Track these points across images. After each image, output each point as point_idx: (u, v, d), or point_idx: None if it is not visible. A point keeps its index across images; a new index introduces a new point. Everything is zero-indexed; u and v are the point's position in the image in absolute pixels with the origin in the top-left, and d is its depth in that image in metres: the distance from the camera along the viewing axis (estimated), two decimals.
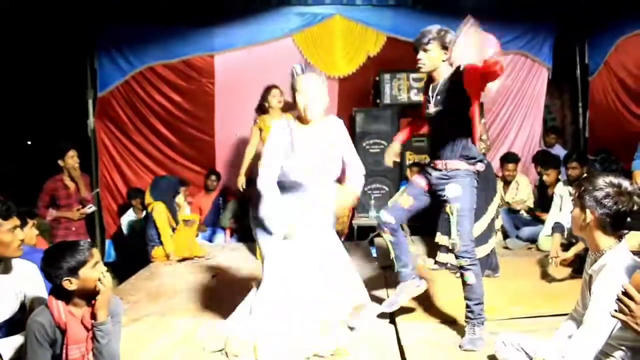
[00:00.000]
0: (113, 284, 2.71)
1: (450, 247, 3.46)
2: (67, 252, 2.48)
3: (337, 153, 3.40)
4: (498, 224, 4.96)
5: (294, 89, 3.26)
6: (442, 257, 4.88)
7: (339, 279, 3.41)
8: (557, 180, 5.88)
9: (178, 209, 5.75)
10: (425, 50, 3.39)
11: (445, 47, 3.35)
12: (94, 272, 2.50)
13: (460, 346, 3.25)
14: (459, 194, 3.33)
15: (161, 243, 5.56)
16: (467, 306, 3.34)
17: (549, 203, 5.70)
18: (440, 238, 4.81)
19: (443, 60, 3.39)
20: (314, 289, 3.32)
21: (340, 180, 3.50)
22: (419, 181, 3.55)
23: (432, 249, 5.25)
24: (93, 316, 2.52)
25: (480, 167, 3.45)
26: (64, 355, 2.48)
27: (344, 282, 3.46)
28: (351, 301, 3.50)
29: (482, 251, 4.50)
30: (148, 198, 5.68)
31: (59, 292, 2.50)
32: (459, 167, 3.37)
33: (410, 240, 5.96)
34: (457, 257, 3.36)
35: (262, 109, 5.47)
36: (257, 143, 5.52)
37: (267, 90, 5.45)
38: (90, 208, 5.54)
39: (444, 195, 3.36)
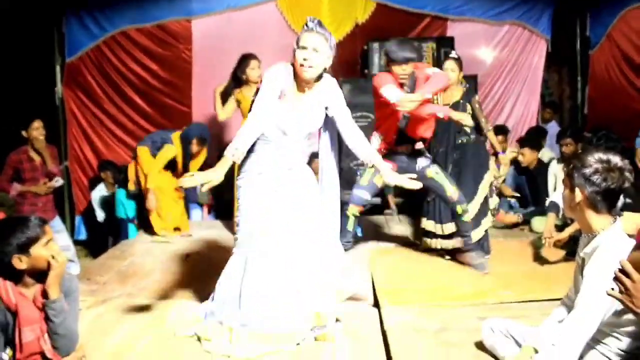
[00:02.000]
0: (84, 262, 2.65)
1: (449, 200, 4.21)
2: (17, 228, 2.42)
3: (321, 117, 3.30)
4: (493, 203, 4.94)
5: (297, 42, 3.12)
6: (427, 242, 4.85)
7: (327, 257, 3.32)
8: (539, 161, 5.95)
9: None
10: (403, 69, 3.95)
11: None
12: (46, 250, 2.45)
13: (474, 266, 4.29)
14: (429, 161, 4.27)
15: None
16: (466, 235, 4.32)
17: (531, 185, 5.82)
18: (426, 223, 4.79)
19: None
20: (300, 266, 3.23)
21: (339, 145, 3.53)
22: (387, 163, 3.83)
23: (417, 230, 5.23)
24: (44, 294, 2.47)
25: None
26: (17, 339, 2.43)
27: (332, 260, 3.35)
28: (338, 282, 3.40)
29: (476, 235, 4.50)
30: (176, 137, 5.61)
31: (7, 271, 2.44)
32: (421, 147, 4.27)
33: (397, 219, 5.97)
34: (459, 203, 4.17)
35: (238, 81, 5.34)
36: (231, 111, 5.44)
37: (245, 60, 5.28)
38: (58, 182, 5.44)
39: (418, 167, 4.17)
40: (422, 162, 4.23)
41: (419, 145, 4.25)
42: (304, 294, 3.22)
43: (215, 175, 2.98)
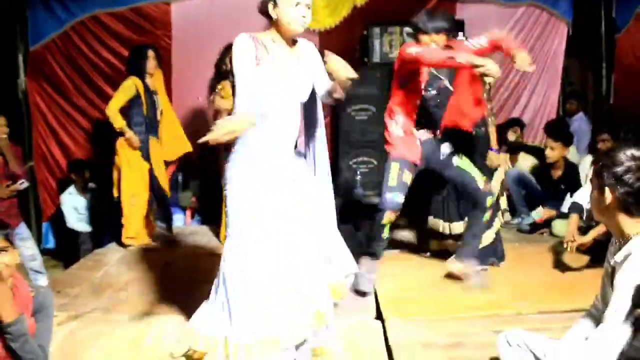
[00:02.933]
0: (52, 273, 2.65)
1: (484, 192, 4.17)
2: None
3: (310, 81, 3.28)
4: (503, 203, 4.97)
5: (273, 0, 3.03)
6: (435, 243, 4.88)
7: (329, 246, 3.30)
8: (564, 160, 5.82)
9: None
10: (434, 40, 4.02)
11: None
12: None
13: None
14: (451, 147, 4.23)
15: None
16: (476, 236, 4.27)
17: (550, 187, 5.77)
18: (433, 222, 4.82)
19: None
20: (299, 264, 3.16)
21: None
22: (407, 155, 4.15)
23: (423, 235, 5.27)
24: None
25: None
26: None
27: (334, 249, 3.34)
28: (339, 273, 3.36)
29: (486, 238, 4.53)
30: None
31: None
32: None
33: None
34: (486, 195, 4.16)
35: (222, 73, 5.35)
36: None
37: (229, 51, 5.28)
38: (23, 184, 5.43)
39: (443, 154, 4.19)
40: (445, 148, 4.23)
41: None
42: (304, 292, 3.16)
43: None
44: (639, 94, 6.67)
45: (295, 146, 3.37)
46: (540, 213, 5.74)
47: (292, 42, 3.23)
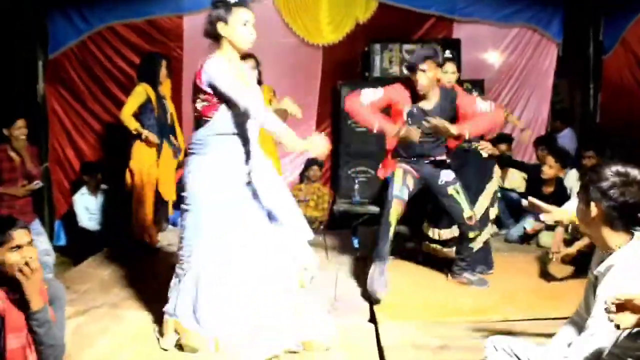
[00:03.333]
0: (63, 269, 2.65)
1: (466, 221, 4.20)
2: None
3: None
4: (493, 213, 4.96)
5: (223, 20, 3.15)
6: (426, 245, 4.89)
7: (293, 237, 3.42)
8: (557, 178, 5.73)
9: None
10: (423, 71, 4.00)
11: (440, 65, 4.14)
12: (12, 256, 2.44)
13: (474, 284, 4.30)
14: (454, 175, 4.22)
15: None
16: (466, 261, 4.36)
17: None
18: (426, 227, 4.83)
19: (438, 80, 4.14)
20: (272, 262, 3.31)
21: None
22: (409, 168, 4.21)
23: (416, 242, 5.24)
24: (24, 304, 2.46)
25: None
26: (2, 345, 2.44)
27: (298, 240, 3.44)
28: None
29: (475, 245, 4.52)
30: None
31: None
32: (444, 158, 4.30)
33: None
34: (473, 228, 4.19)
35: None
36: None
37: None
38: (37, 184, 5.43)
39: (442, 181, 4.17)
40: (446, 175, 4.23)
41: (441, 155, 4.30)
42: (287, 287, 3.32)
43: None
44: (624, 113, 6.67)
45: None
46: (531, 223, 5.72)
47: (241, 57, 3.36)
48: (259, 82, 5.20)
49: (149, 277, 4.60)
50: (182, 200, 3.36)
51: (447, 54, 4.88)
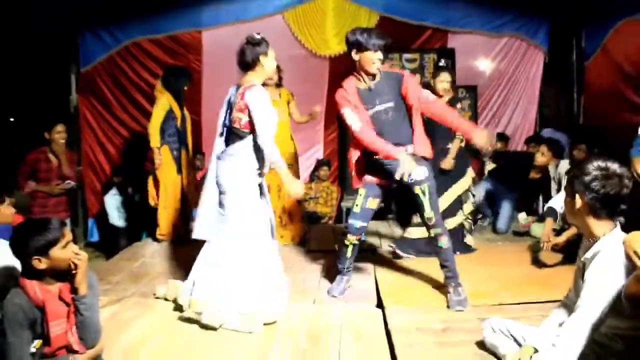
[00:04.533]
0: (96, 263, 2.67)
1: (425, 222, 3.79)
2: (37, 231, 2.43)
3: None
4: (467, 209, 4.97)
5: (265, 54, 3.62)
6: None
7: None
8: (544, 169, 5.72)
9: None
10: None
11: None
12: (65, 252, 2.46)
13: (448, 307, 3.64)
14: (427, 174, 3.72)
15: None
16: (447, 268, 3.78)
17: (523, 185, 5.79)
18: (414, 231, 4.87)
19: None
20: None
21: None
22: (373, 181, 3.87)
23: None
24: (73, 290, 2.50)
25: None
26: (46, 333, 2.46)
27: None
28: None
29: (451, 223, 4.72)
30: (159, 86, 5.64)
31: (30, 271, 2.46)
32: (421, 153, 3.76)
33: (387, 223, 6.03)
34: (432, 227, 3.75)
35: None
36: None
37: None
38: (69, 184, 5.45)
39: (411, 179, 3.65)
40: (418, 173, 3.66)
41: (409, 149, 3.72)
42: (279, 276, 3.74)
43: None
44: (604, 114, 6.67)
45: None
46: (526, 219, 5.73)
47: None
48: (279, 85, 5.23)
49: (175, 269, 4.63)
50: (222, 200, 3.65)
51: (442, 62, 4.86)
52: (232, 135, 3.64)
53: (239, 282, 3.49)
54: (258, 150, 3.58)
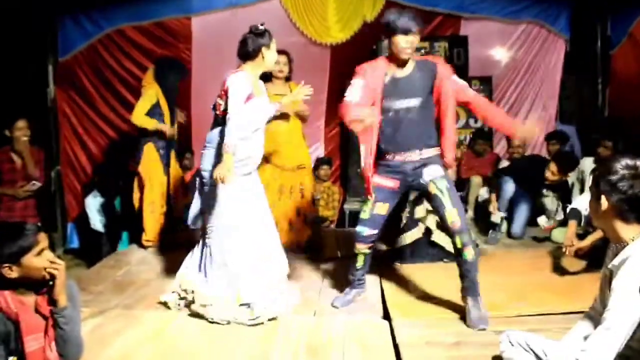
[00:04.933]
0: (76, 271, 2.67)
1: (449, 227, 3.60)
2: (8, 236, 2.42)
3: None
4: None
5: (267, 46, 3.84)
6: None
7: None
8: (561, 180, 5.77)
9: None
10: (417, 34, 3.58)
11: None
12: (39, 260, 2.45)
13: (467, 325, 3.48)
14: (441, 173, 3.64)
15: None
16: (468, 279, 3.59)
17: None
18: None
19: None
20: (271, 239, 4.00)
21: None
22: (386, 183, 3.74)
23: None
24: (52, 302, 2.49)
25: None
26: (21, 348, 2.44)
27: None
28: None
29: (409, 237, 4.82)
30: (149, 77, 5.62)
31: (1, 281, 2.44)
32: (432, 154, 3.67)
33: None
34: (457, 232, 3.54)
35: (264, 75, 5.33)
36: None
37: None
38: (35, 185, 5.36)
39: (424, 180, 3.62)
40: (429, 173, 3.62)
41: (424, 154, 3.65)
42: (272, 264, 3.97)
43: None
44: (632, 107, 6.66)
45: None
46: (547, 221, 5.71)
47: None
48: (288, 78, 5.24)
49: (161, 278, 4.62)
50: (202, 185, 3.93)
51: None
52: (214, 122, 3.91)
53: (237, 275, 3.75)
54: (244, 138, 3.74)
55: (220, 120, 3.79)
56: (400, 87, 3.62)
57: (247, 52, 3.84)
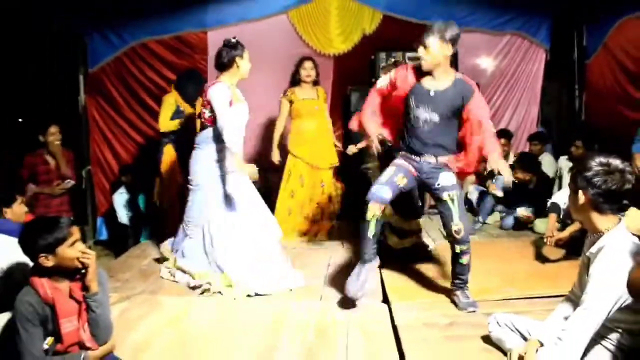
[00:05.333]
0: (105, 261, 2.70)
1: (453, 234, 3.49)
2: (45, 229, 2.45)
3: None
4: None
5: (240, 56, 4.04)
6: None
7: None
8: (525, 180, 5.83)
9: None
10: (425, 47, 3.43)
11: (447, 41, 3.42)
12: (72, 250, 2.48)
13: (461, 309, 3.48)
14: (454, 181, 3.52)
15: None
16: (459, 279, 3.59)
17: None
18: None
19: (444, 56, 3.46)
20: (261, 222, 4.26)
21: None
22: (406, 164, 3.62)
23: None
24: (84, 288, 2.52)
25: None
26: (57, 330, 2.46)
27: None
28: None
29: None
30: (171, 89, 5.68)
31: (38, 269, 2.47)
32: (447, 160, 3.58)
33: (429, 218, 5.96)
34: (459, 242, 3.47)
35: (294, 80, 5.47)
36: (286, 115, 5.58)
37: (300, 61, 5.48)
38: (69, 183, 5.45)
39: (439, 184, 3.50)
40: (444, 179, 3.51)
41: (431, 160, 3.56)
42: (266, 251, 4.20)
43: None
44: (605, 112, 6.65)
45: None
46: (524, 211, 5.73)
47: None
48: (316, 82, 5.26)
49: None
50: (188, 182, 4.23)
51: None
52: (201, 127, 4.16)
53: (227, 254, 4.04)
54: (215, 144, 4.05)
55: (203, 126, 4.10)
56: (429, 99, 3.48)
57: (222, 64, 4.05)
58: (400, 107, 3.66)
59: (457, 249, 3.50)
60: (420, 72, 3.54)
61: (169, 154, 5.53)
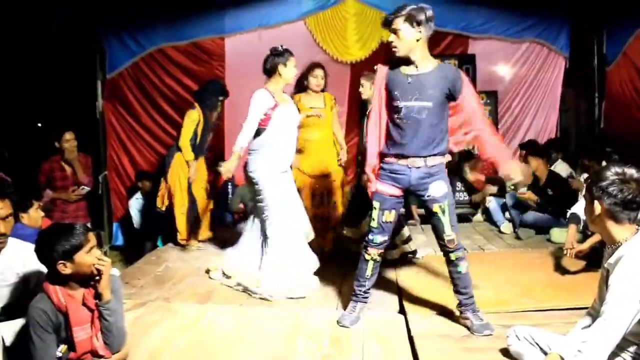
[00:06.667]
0: (120, 267, 2.69)
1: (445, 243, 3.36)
2: (62, 236, 2.44)
3: None
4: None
5: (284, 64, 4.16)
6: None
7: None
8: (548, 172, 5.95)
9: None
10: (395, 33, 3.24)
11: (418, 24, 3.21)
12: (89, 257, 2.47)
13: (474, 332, 3.26)
14: (445, 190, 3.32)
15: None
16: (464, 295, 3.38)
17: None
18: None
19: (417, 40, 3.22)
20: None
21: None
22: (390, 191, 3.37)
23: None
24: (97, 296, 2.51)
25: (448, 157, 3.43)
26: (70, 338, 2.46)
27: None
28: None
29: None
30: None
31: (54, 276, 2.46)
32: (438, 162, 3.31)
33: (421, 228, 5.94)
34: (453, 250, 3.35)
35: (300, 86, 5.25)
36: None
37: (310, 68, 5.20)
38: (84, 189, 5.47)
39: (429, 196, 3.30)
40: (434, 190, 3.29)
41: (428, 162, 3.28)
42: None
43: None
44: (625, 119, 6.59)
45: None
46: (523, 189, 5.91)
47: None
48: (324, 90, 5.19)
49: (197, 273, 4.63)
50: (252, 185, 4.25)
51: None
52: (256, 132, 4.18)
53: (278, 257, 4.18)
54: (271, 145, 4.14)
55: (260, 130, 4.14)
56: (412, 86, 3.21)
57: (266, 70, 4.25)
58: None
59: (452, 256, 3.36)
60: (399, 63, 3.30)
61: (179, 161, 5.47)
